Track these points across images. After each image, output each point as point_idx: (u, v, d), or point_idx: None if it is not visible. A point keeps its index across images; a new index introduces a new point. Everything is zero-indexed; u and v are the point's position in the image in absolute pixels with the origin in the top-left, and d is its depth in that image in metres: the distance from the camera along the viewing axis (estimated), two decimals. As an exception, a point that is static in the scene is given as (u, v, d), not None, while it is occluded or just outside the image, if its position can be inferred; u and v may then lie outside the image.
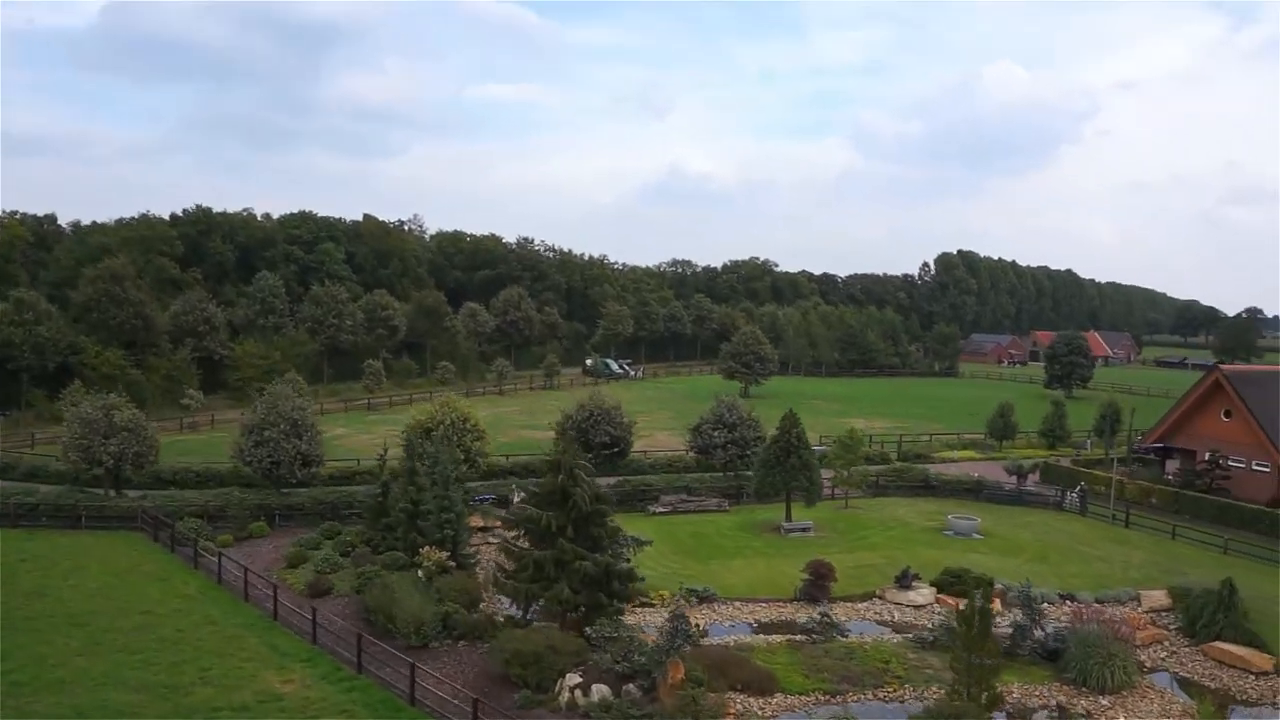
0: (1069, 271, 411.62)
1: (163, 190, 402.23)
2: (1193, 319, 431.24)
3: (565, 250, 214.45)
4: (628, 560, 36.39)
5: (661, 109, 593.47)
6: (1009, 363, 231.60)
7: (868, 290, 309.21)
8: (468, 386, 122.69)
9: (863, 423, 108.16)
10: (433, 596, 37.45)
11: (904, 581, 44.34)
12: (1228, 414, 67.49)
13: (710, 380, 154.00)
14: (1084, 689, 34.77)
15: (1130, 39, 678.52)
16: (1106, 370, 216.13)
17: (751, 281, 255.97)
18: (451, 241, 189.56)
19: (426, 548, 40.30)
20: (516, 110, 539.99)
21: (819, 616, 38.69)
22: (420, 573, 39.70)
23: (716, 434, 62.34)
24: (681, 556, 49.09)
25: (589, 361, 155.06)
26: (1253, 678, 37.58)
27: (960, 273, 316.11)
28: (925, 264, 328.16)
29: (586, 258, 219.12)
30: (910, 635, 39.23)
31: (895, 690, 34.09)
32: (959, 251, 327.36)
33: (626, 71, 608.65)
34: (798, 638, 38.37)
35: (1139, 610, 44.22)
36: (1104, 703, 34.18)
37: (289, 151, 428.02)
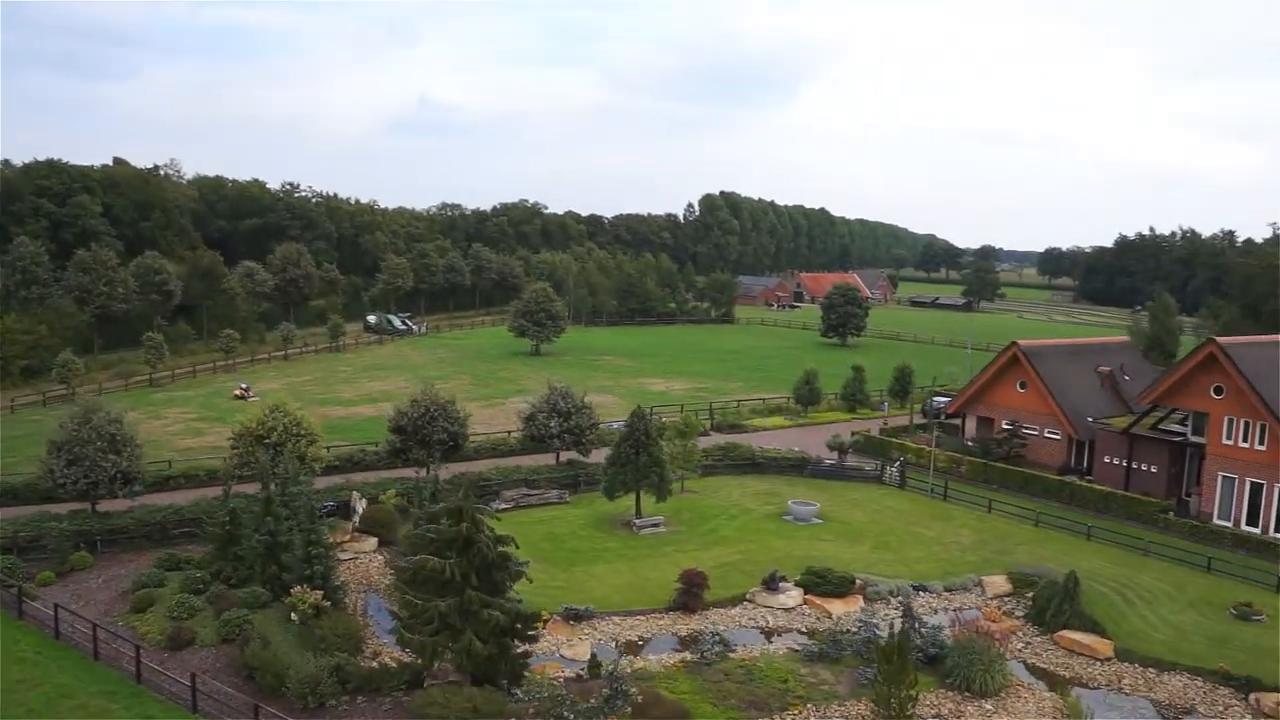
0: (823, 210, 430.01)
1: None
2: (934, 256, 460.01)
3: (331, 195, 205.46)
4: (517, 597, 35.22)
5: (408, 38, 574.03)
6: (778, 305, 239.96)
7: (633, 230, 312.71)
8: (251, 353, 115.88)
9: (661, 383, 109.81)
10: (314, 643, 35.15)
11: (771, 584, 45.16)
12: (1023, 385, 72.13)
13: (498, 335, 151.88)
14: (968, 694, 36.60)
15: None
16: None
17: (522, 225, 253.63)
18: (213, 188, 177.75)
19: (298, 588, 37.64)
20: (257, 36, 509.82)
21: (711, 638, 38.69)
22: (294, 615, 37.12)
23: (552, 423, 61.25)
24: (543, 563, 47.86)
25: (371, 318, 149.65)
26: (1099, 664, 40.73)
27: (724, 214, 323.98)
28: (690, 204, 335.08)
29: (354, 202, 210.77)
30: (796, 647, 39.95)
31: (800, 712, 34.76)
32: (721, 193, 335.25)
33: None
34: (689, 656, 38.44)
35: (985, 598, 47.02)
36: (988, 706, 36.14)
37: (10, 71, 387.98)
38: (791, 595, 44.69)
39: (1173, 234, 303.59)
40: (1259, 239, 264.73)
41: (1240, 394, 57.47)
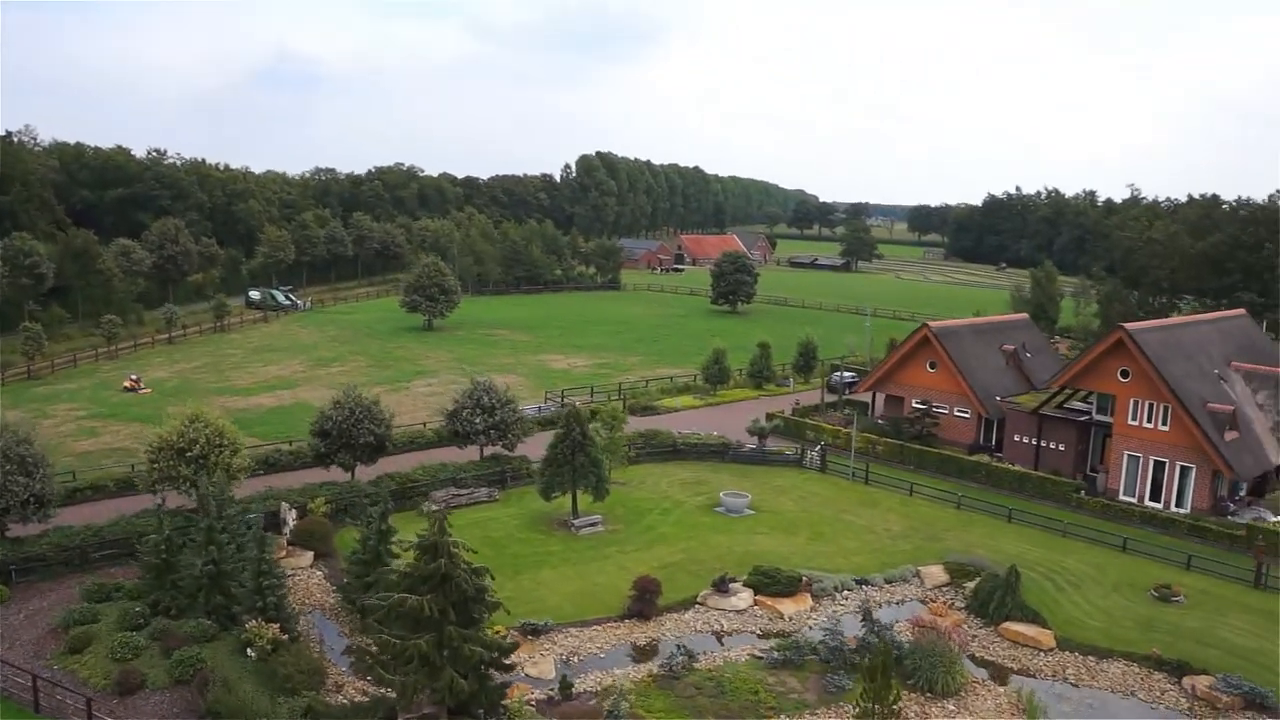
0: (697, 169, 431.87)
1: None
2: (807, 213, 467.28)
3: (199, 160, 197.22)
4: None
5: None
6: (661, 269, 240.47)
7: (510, 191, 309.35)
8: (134, 337, 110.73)
9: (562, 359, 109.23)
10: (278, 681, 33.97)
11: (722, 586, 45.44)
12: (933, 365, 73.90)
13: (385, 308, 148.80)
14: (930, 694, 37.59)
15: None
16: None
17: (398, 189, 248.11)
18: (74, 157, 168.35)
19: (253, 621, 36.20)
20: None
21: (677, 650, 38.69)
22: (250, 651, 35.76)
23: (477, 419, 60.12)
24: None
25: (254, 293, 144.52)
26: (1043, 654, 42.28)
27: (601, 174, 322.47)
28: (566, 165, 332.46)
29: (224, 168, 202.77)
30: (758, 653, 40.23)
31: (771, 721, 35.19)
32: (598, 153, 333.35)
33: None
34: (655, 669, 38.41)
35: (925, 589, 48.25)
36: (951, 707, 37.24)
37: None
38: (743, 597, 45.06)
39: (1038, 193, 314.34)
40: (1118, 199, 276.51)
41: (1145, 377, 59.97)
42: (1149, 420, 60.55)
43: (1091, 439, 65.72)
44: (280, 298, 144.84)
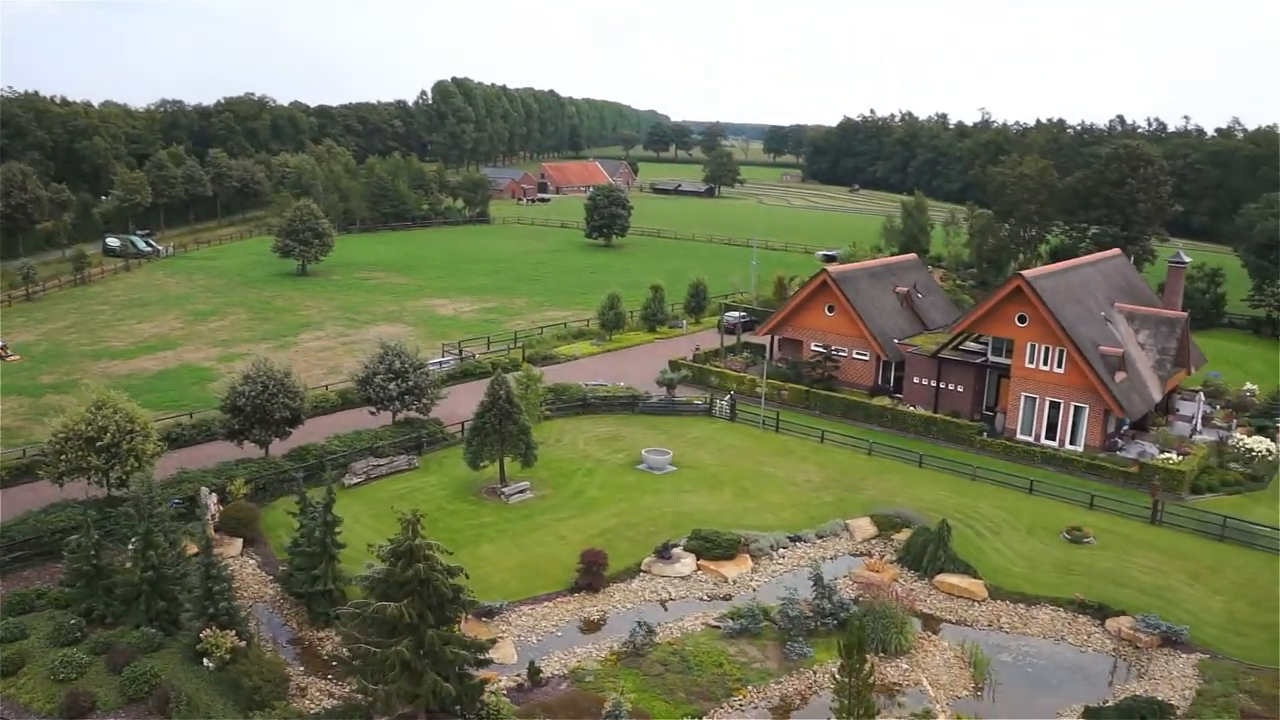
0: (552, 92, 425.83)
1: None
2: (662, 135, 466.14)
3: (33, 93, 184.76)
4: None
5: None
6: (526, 199, 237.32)
7: (364, 120, 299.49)
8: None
9: (447, 304, 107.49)
10: (244, 692, 33.03)
11: (664, 553, 45.97)
12: (830, 309, 75.30)
13: (252, 251, 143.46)
14: (883, 654, 38.98)
15: None
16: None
17: (250, 121, 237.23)
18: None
19: (207, 630, 34.91)
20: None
21: (638, 626, 38.92)
22: (208, 662, 34.59)
23: (391, 386, 58.76)
24: None
25: (112, 241, 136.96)
26: (977, 605, 44.26)
27: (458, 101, 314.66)
28: (422, 92, 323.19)
29: (61, 101, 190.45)
30: (713, 623, 40.73)
31: (745, 695, 36.05)
32: (454, 79, 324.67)
33: None
34: (616, 645, 38.68)
35: (855, 542, 49.80)
36: (904, 665, 38.85)
37: None
38: (686, 563, 45.67)
39: (892, 116, 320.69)
40: (969, 122, 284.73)
41: (1042, 322, 62.40)
42: (1045, 363, 63.17)
43: (987, 380, 68.29)
44: (140, 244, 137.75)
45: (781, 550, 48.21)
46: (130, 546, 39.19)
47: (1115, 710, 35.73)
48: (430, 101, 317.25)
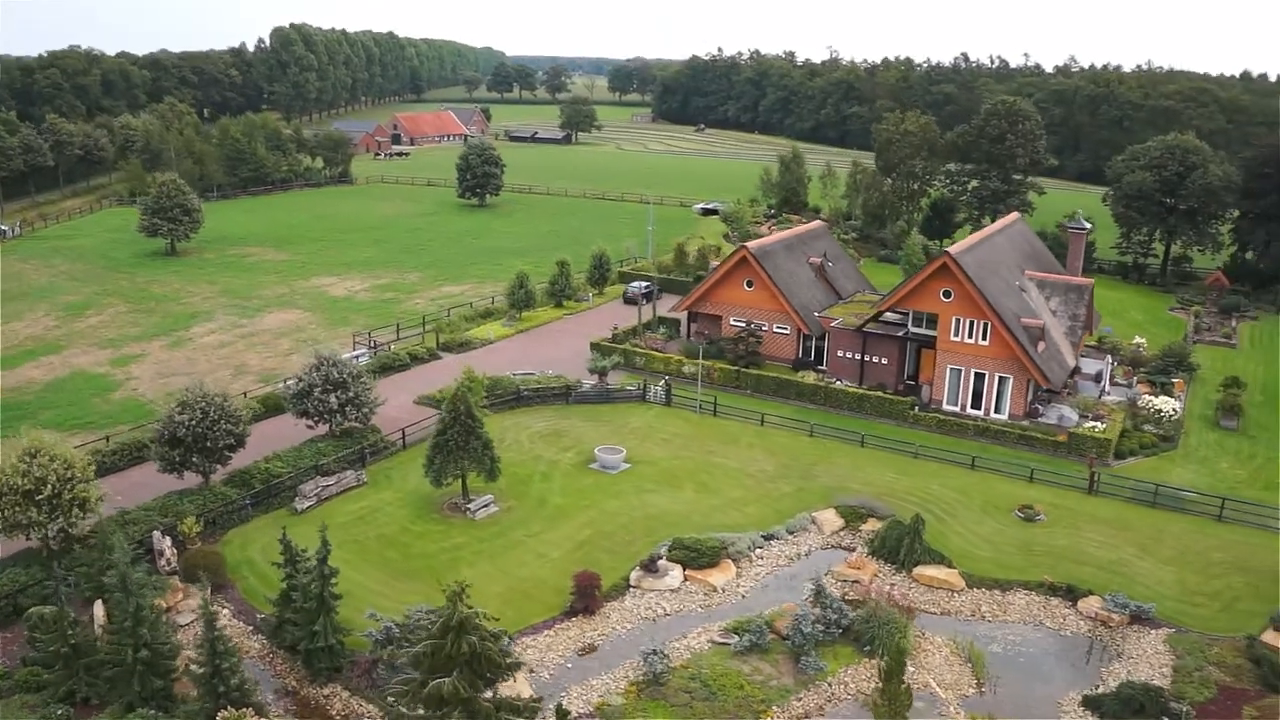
0: (391, 34, 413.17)
1: None
2: (505, 75, 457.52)
3: None
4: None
5: None
6: (383, 154, 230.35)
7: (199, 70, 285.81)
8: None
9: (337, 283, 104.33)
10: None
11: (651, 567, 46.06)
12: (750, 284, 75.91)
13: (110, 227, 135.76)
14: (884, 659, 39.93)
15: None
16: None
17: (78, 76, 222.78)
18: None
19: (224, 711, 33.31)
20: None
21: (656, 658, 38.87)
22: (228, 742, 33.14)
23: (332, 399, 56.65)
24: (397, 580, 45.00)
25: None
26: (957, 595, 45.89)
27: (299, 49, 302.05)
28: (260, 40, 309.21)
29: None
30: (719, 639, 41.08)
31: (768, 716, 36.65)
32: (292, 25, 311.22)
33: None
34: (632, 674, 38.67)
35: (825, 535, 50.89)
36: (910, 668, 39.74)
37: None
38: (674, 575, 45.83)
39: (740, 54, 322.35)
40: (817, 60, 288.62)
41: (967, 297, 64.38)
42: (970, 336, 65.28)
43: (908, 352, 70.22)
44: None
45: (758, 551, 48.87)
46: (98, 609, 37.10)
47: (1115, 698, 37.87)
48: (269, 49, 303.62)
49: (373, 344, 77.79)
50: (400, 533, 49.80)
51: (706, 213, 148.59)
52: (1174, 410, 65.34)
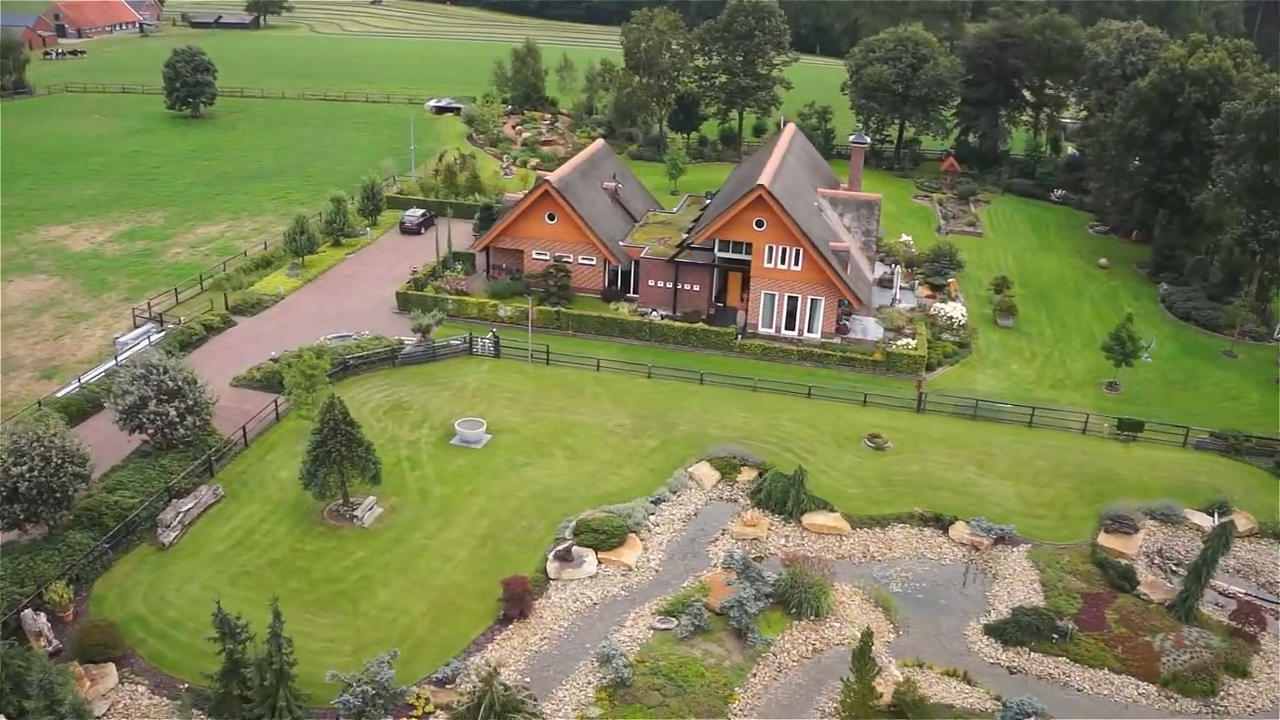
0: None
1: None
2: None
3: None
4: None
5: None
6: (55, 54, 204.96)
7: None
8: None
9: (77, 235, 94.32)
10: None
11: (566, 556, 46.75)
12: (551, 217, 75.47)
13: None
14: (815, 619, 43.34)
15: None
16: (149, 44, 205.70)
17: None
18: None
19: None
20: None
21: (616, 659, 40.00)
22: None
23: (171, 410, 52.01)
24: (314, 615, 42.05)
25: None
26: (845, 539, 49.59)
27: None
28: None
29: None
30: (659, 625, 42.56)
31: (737, 699, 39.03)
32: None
33: None
34: (595, 680, 39.54)
35: (705, 491, 53.04)
36: (835, 623, 43.47)
37: None
38: (589, 562, 46.61)
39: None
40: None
41: (780, 225, 67.15)
42: (783, 262, 68.41)
43: (715, 278, 72.80)
44: None
45: (652, 519, 50.44)
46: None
47: (1014, 625, 42.93)
48: None
49: (161, 322, 71.43)
50: (293, 555, 47.22)
51: (440, 111, 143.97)
52: (962, 315, 71.64)
